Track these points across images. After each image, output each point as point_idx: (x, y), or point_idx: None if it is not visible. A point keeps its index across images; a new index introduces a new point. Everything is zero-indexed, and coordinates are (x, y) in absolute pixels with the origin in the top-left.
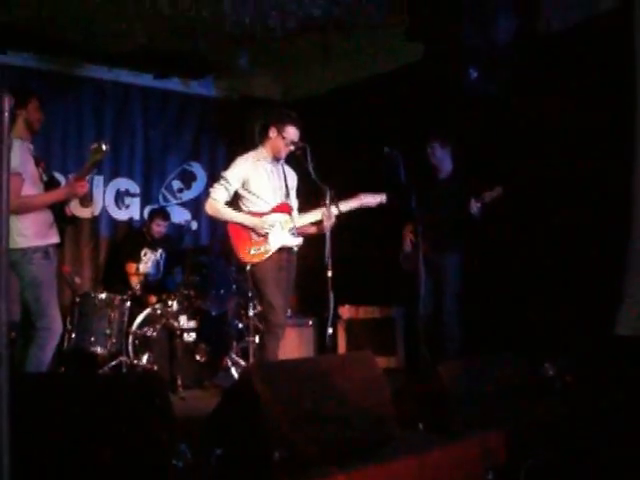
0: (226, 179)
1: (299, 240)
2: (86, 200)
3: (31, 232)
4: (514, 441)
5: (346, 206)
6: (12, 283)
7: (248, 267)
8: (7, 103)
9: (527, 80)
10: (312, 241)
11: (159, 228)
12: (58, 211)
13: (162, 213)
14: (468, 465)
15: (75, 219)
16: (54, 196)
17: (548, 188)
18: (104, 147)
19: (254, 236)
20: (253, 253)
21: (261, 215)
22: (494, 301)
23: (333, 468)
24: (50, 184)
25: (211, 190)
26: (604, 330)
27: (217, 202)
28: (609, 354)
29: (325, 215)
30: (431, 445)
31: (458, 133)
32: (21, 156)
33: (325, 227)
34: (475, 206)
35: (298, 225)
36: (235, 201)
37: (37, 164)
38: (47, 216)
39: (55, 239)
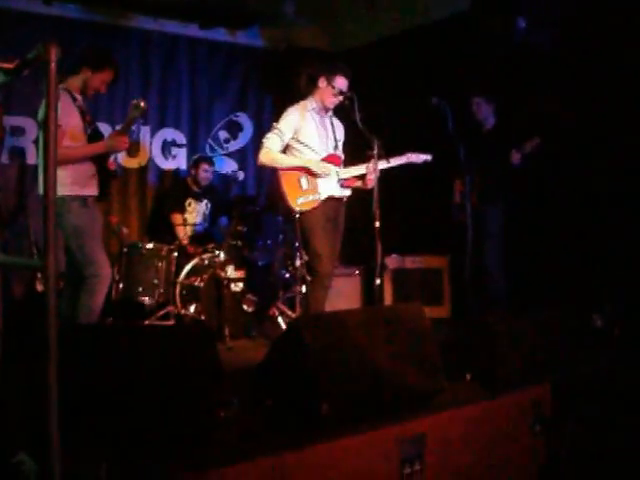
0: (279, 129)
1: (347, 192)
2: (133, 150)
3: (69, 181)
4: (561, 393)
5: (393, 162)
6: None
7: (297, 216)
8: (54, 54)
9: (576, 30)
10: (360, 191)
11: (206, 174)
12: (100, 164)
13: (207, 159)
14: (515, 416)
15: (117, 173)
16: (94, 148)
17: (592, 138)
18: (142, 104)
19: (304, 185)
20: (302, 202)
21: None
22: (542, 252)
23: (382, 419)
24: (94, 137)
25: (264, 140)
26: None
27: (272, 151)
28: None
29: (370, 169)
30: (478, 396)
31: (503, 84)
32: (63, 107)
33: (370, 180)
34: (516, 157)
35: (344, 177)
36: (284, 152)
37: (83, 116)
38: (88, 168)
39: (94, 191)
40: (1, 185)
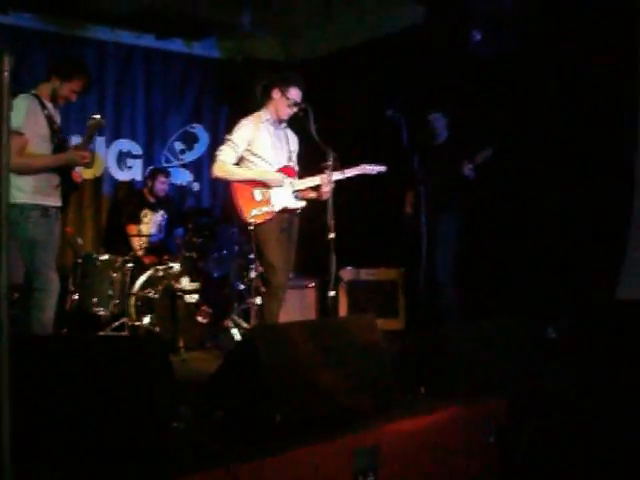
0: (232, 141)
1: (301, 203)
2: (89, 161)
3: (30, 189)
4: (516, 405)
5: (348, 173)
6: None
7: (251, 228)
8: (7, 63)
9: (532, 42)
10: (315, 203)
11: (163, 186)
12: (66, 175)
13: (164, 171)
14: (470, 429)
15: (80, 186)
16: (55, 160)
17: (545, 150)
18: (99, 119)
19: (257, 197)
20: (255, 213)
21: None
22: (496, 265)
23: (335, 430)
24: (60, 147)
25: (218, 153)
26: (605, 294)
27: (225, 164)
28: (610, 318)
29: (324, 180)
30: (432, 409)
31: (458, 96)
32: (27, 114)
33: (324, 192)
34: (467, 168)
35: (299, 188)
36: (238, 164)
37: (50, 124)
38: (51, 177)
39: (57, 202)
40: None
